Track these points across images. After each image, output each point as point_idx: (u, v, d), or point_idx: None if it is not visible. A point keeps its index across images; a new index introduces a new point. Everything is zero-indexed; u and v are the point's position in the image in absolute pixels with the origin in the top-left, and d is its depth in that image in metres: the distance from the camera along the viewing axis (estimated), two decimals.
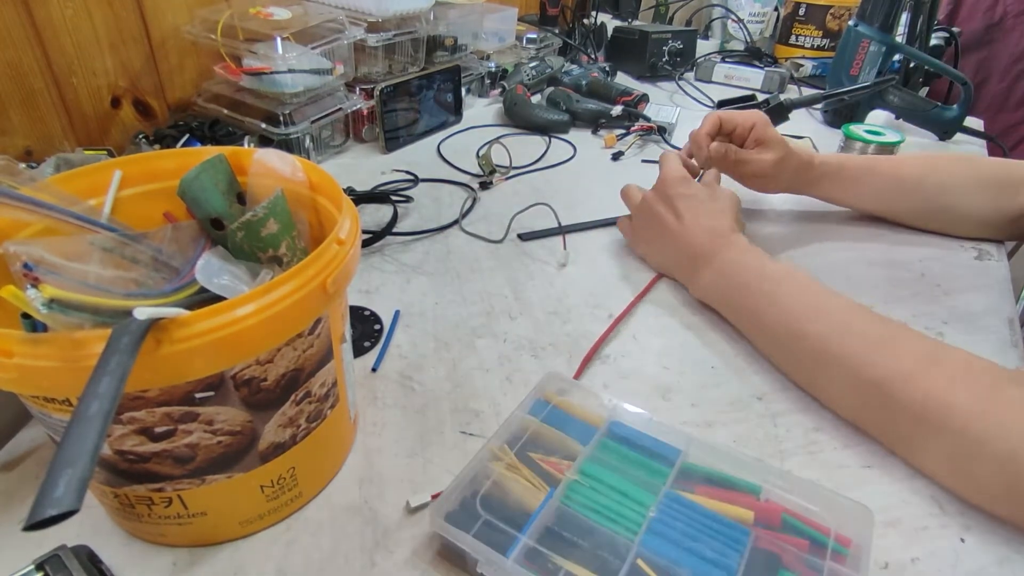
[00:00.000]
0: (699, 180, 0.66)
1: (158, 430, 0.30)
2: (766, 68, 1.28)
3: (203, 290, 0.36)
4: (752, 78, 1.28)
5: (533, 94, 1.11)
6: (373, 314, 0.57)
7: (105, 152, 0.69)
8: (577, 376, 0.50)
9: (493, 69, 1.14)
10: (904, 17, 1.04)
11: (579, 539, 0.35)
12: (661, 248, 0.63)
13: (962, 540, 0.39)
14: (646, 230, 0.65)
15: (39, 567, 0.30)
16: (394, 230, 0.69)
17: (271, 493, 0.36)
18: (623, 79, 1.29)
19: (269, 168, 0.41)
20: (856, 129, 0.89)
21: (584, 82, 1.13)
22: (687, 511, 0.37)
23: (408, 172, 0.83)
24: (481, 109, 1.11)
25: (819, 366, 0.47)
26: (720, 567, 0.33)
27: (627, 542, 0.35)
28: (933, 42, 1.14)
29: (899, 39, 1.04)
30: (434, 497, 0.39)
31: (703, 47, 1.41)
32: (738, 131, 0.69)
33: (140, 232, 0.38)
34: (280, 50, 0.77)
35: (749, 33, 1.47)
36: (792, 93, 1.21)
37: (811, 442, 0.45)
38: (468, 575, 0.36)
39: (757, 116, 0.69)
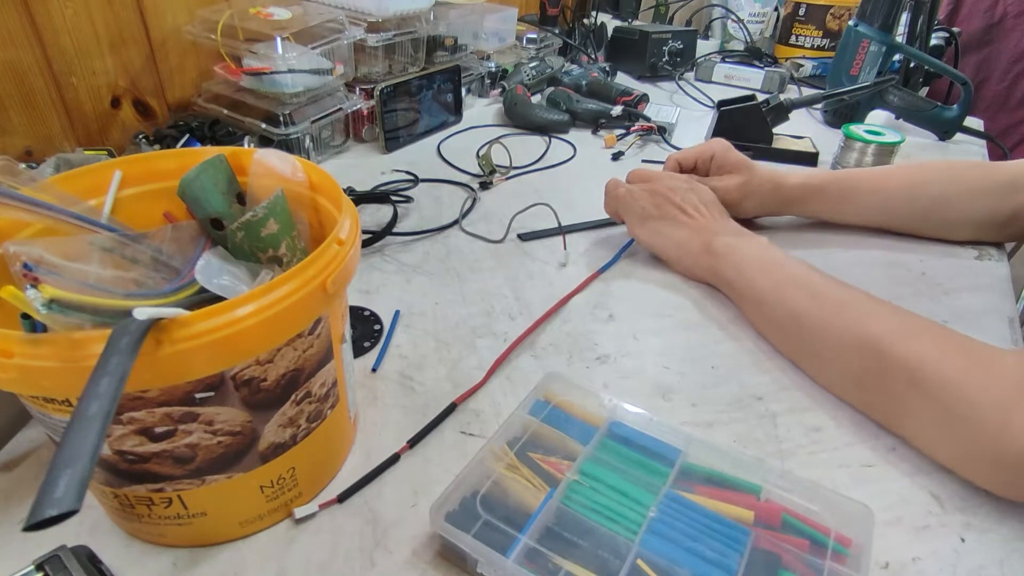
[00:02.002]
0: None
1: (158, 430, 0.30)
2: (766, 68, 1.28)
3: (203, 290, 0.36)
4: (752, 78, 1.28)
5: (533, 94, 1.11)
6: (373, 314, 0.57)
7: (105, 152, 0.69)
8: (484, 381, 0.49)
9: (493, 69, 1.14)
10: (904, 17, 1.04)
11: (579, 539, 0.35)
12: (670, 228, 0.63)
13: (962, 540, 0.39)
14: (652, 213, 0.64)
15: (39, 567, 0.30)
16: (394, 230, 0.69)
17: (271, 493, 0.36)
18: (623, 79, 1.29)
19: (269, 168, 0.41)
20: (856, 129, 0.89)
21: (584, 82, 1.13)
22: (687, 511, 0.36)
23: (408, 172, 0.83)
24: (481, 109, 1.11)
25: (818, 337, 0.49)
26: (720, 567, 0.33)
27: (627, 542, 0.35)
28: (933, 42, 1.14)
29: (899, 39, 1.04)
30: (321, 506, 0.38)
31: (703, 47, 1.41)
32: (699, 165, 0.72)
33: (140, 232, 0.38)
34: (280, 50, 0.77)
35: (749, 33, 1.47)
36: (792, 93, 1.21)
37: (811, 442, 0.45)
38: (468, 575, 0.36)
39: (716, 144, 0.71)
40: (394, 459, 0.42)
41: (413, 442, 0.43)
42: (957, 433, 0.41)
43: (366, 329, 0.55)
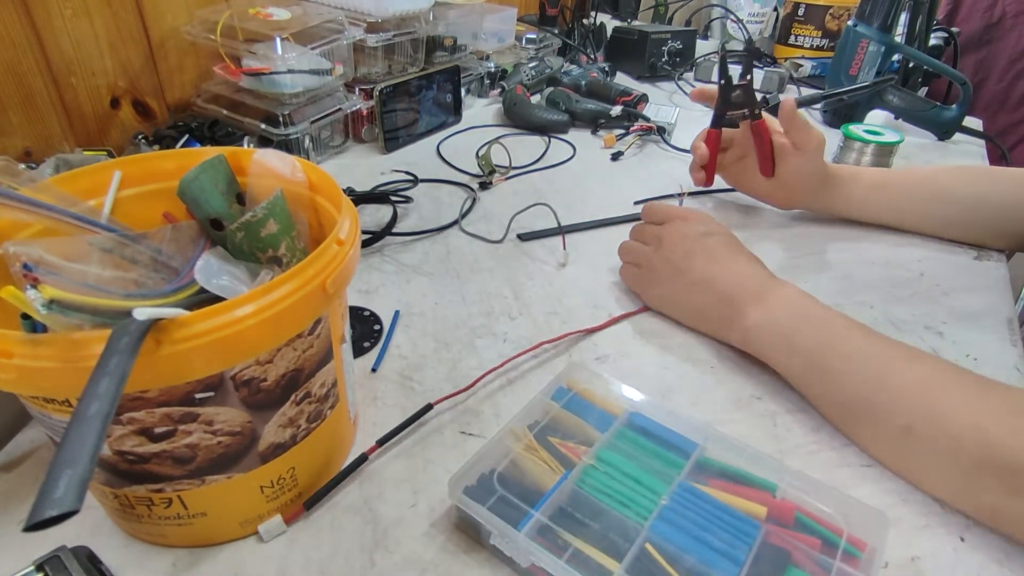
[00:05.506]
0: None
1: (158, 431, 0.30)
2: (765, 68, 1.28)
3: (203, 290, 0.36)
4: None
5: (532, 94, 1.11)
6: (373, 314, 0.57)
7: (105, 153, 0.69)
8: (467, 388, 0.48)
9: (492, 69, 1.14)
10: (903, 17, 1.04)
11: (590, 520, 0.36)
12: (687, 294, 0.55)
13: (962, 539, 0.39)
14: (664, 275, 0.56)
15: (39, 568, 0.30)
16: (394, 230, 0.69)
17: (271, 493, 0.36)
18: (622, 79, 1.29)
19: (268, 168, 0.41)
20: (855, 129, 0.89)
21: (583, 82, 1.13)
22: (699, 502, 0.37)
23: (408, 172, 0.83)
24: (481, 109, 1.11)
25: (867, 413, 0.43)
26: (727, 557, 0.34)
27: (637, 526, 0.35)
28: (932, 42, 1.14)
29: (898, 39, 1.04)
30: (288, 521, 0.38)
31: (702, 47, 1.41)
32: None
33: (140, 232, 0.38)
34: (279, 50, 0.77)
35: (748, 33, 1.47)
36: (791, 93, 1.21)
37: (811, 442, 0.45)
38: (482, 546, 0.37)
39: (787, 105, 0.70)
40: (362, 459, 0.41)
41: (382, 441, 0.42)
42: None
43: (366, 329, 0.55)
